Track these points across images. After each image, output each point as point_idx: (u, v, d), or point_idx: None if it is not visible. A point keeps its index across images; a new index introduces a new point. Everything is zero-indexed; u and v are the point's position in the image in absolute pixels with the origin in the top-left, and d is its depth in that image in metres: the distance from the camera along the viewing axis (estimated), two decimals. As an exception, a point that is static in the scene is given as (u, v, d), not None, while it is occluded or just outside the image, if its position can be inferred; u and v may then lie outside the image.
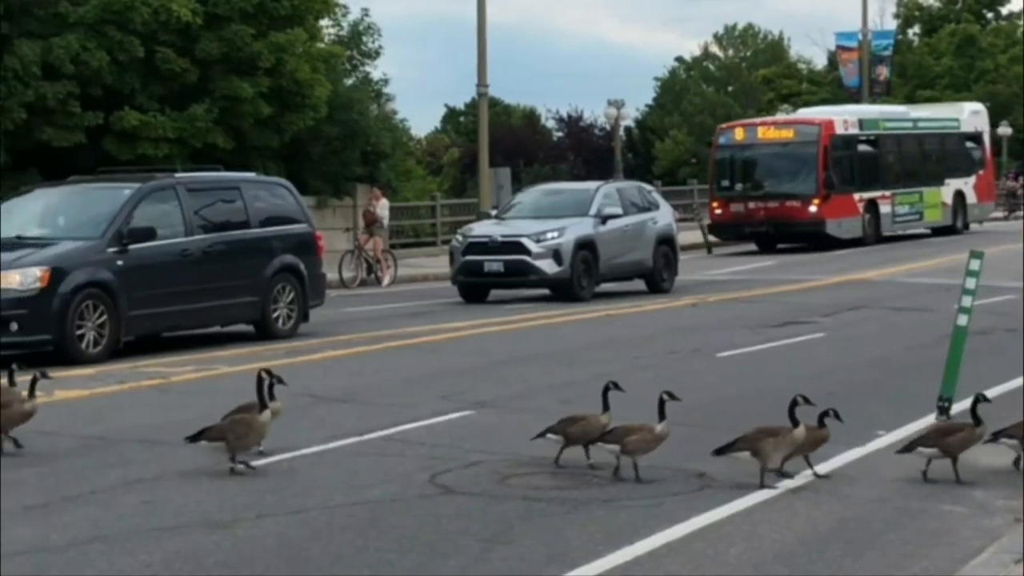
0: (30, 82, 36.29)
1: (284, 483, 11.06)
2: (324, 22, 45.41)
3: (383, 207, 38.34)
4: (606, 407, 11.57)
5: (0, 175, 37.10)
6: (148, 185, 21.37)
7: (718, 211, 45.88)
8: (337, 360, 18.73)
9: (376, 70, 49.55)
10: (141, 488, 10.90)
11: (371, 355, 19.48)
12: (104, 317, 19.59)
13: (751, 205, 44.78)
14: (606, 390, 11.68)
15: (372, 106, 47.48)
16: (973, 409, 11.14)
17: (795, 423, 10.84)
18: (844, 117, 46.97)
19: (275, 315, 22.25)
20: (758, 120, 51.21)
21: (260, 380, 11.56)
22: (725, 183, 46.13)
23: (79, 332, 19.30)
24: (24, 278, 19.15)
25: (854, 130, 46.49)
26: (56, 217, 21.44)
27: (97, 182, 22.62)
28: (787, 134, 45.57)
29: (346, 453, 12.27)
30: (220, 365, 18.36)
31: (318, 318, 23.51)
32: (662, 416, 11.07)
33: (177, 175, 22.59)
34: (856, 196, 45.34)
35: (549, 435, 11.65)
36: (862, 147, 46.62)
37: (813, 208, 43.89)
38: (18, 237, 20.58)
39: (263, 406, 11.46)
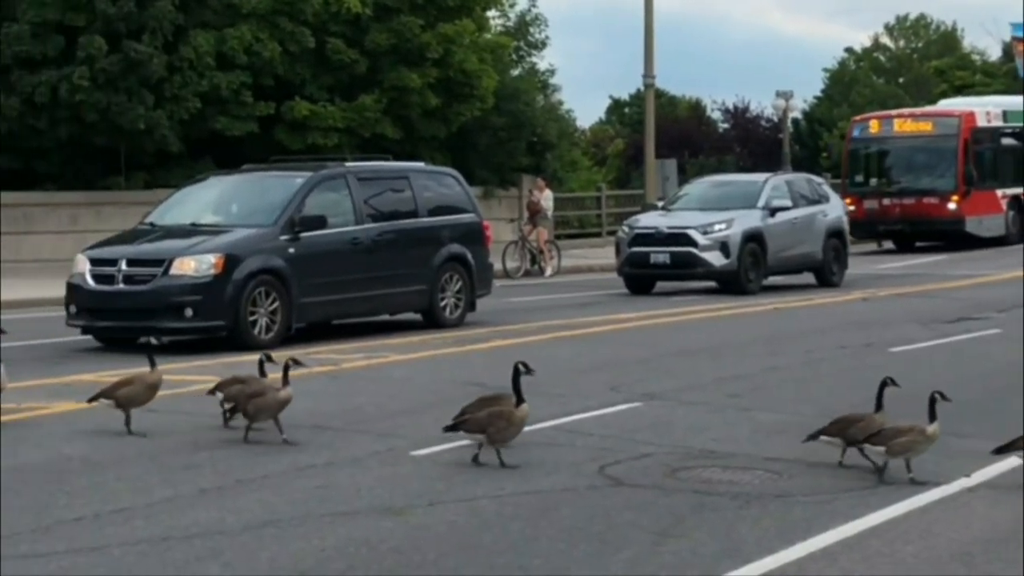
0: (204, 72, 36.94)
1: (454, 471, 11.08)
2: (491, 13, 45.58)
3: (547, 198, 38.35)
4: (879, 406, 11.12)
5: (175, 163, 37.87)
6: (319, 174, 21.59)
7: (851, 208, 43.86)
8: (505, 350, 18.76)
9: (543, 61, 49.82)
10: (313, 473, 11.00)
11: (539, 345, 19.47)
12: (276, 304, 19.84)
13: (886, 202, 43.13)
14: (882, 387, 11.15)
15: (538, 97, 47.56)
16: None
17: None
18: (987, 109, 45.01)
19: (443, 304, 22.35)
20: (894, 112, 49.32)
21: (516, 372, 11.30)
22: (859, 179, 44.53)
23: (252, 318, 19.56)
24: (199, 265, 19.46)
25: (997, 122, 44.69)
26: (230, 205, 21.75)
27: (270, 171, 22.90)
28: (925, 127, 43.86)
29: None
30: (389, 353, 18.50)
31: (484, 308, 23.58)
32: (933, 416, 10.65)
33: (347, 164, 22.80)
34: (999, 192, 43.54)
35: (823, 438, 11.16)
36: (1006, 140, 44.71)
37: (952, 205, 42.18)
38: (192, 224, 20.93)
39: (519, 399, 11.19)
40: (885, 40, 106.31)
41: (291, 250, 20.23)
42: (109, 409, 12.65)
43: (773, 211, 29.64)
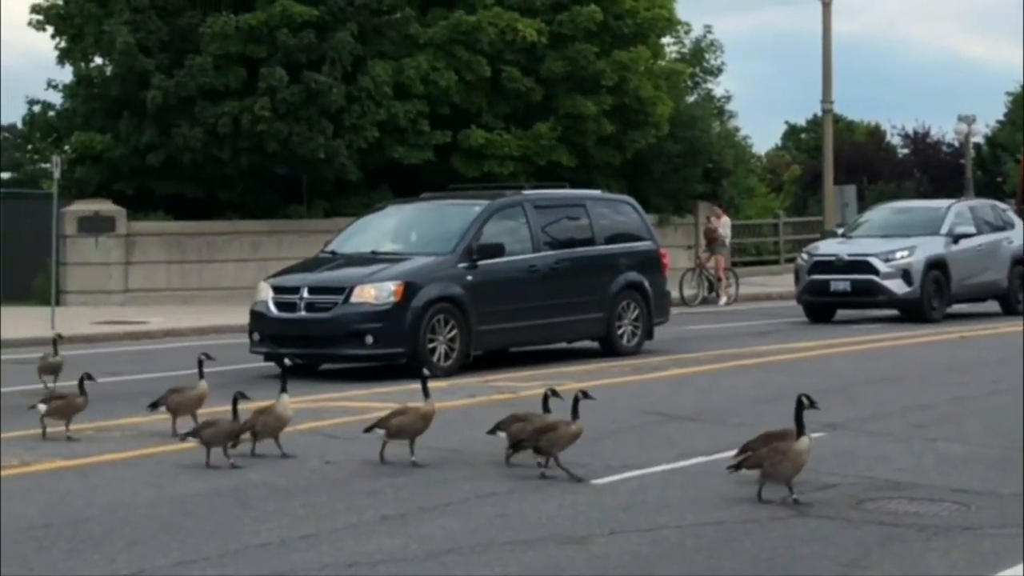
0: (382, 101, 37.39)
1: (635, 500, 11.01)
2: (667, 40, 45.51)
3: (724, 225, 38.12)
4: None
5: (354, 192, 38.37)
6: (497, 202, 21.70)
7: None
8: (684, 378, 18.64)
9: (718, 87, 49.48)
10: (494, 501, 11.00)
11: (718, 373, 19.32)
12: (455, 331, 19.96)
13: None
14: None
15: (714, 123, 47.33)
16: None
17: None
18: None
19: (620, 332, 22.31)
20: None
21: (800, 404, 10.92)
22: None
23: (431, 345, 19.71)
24: (379, 292, 19.66)
25: None
26: (409, 233, 21.96)
27: (447, 199, 23.07)
28: None
29: (696, 472, 12.16)
30: (567, 381, 18.46)
31: (661, 336, 23.48)
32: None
33: (524, 192, 22.87)
34: None
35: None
36: None
37: None
38: (372, 252, 21.17)
39: (799, 432, 10.85)
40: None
41: (469, 278, 20.34)
42: (382, 439, 12.58)
43: (956, 238, 29.13)
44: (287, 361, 17.03)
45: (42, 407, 14.13)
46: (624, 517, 10.42)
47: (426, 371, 13.18)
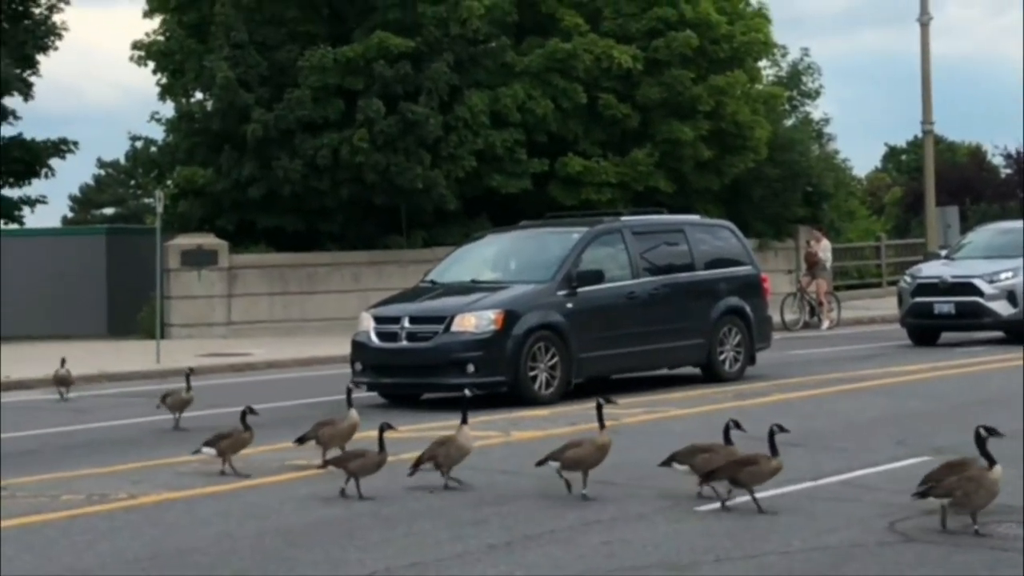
0: (479, 130, 37.55)
1: (741, 527, 10.94)
2: (763, 63, 45.30)
3: (825, 248, 37.83)
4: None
5: (452, 221, 38.52)
6: (596, 229, 21.70)
7: None
8: (787, 403, 18.50)
9: (816, 110, 49.16)
10: (599, 529, 10.97)
11: (822, 398, 19.15)
12: (555, 359, 19.95)
13: None
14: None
15: (813, 146, 47.04)
16: None
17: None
18: None
19: (722, 358, 22.19)
20: None
21: (979, 436, 10.68)
22: None
23: (532, 373, 19.71)
24: (479, 321, 19.70)
25: None
26: (508, 261, 22.00)
27: (546, 226, 23.07)
28: None
29: (802, 497, 12.06)
30: (669, 408, 18.42)
31: (764, 361, 23.34)
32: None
33: (623, 219, 22.85)
34: None
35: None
36: None
37: None
38: (472, 281, 21.23)
39: (991, 461, 10.58)
40: None
41: (569, 305, 20.34)
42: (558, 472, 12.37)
43: (1061, 258, 28.70)
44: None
45: (209, 451, 13.97)
46: (729, 544, 10.36)
47: (602, 400, 12.93)
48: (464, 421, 12.92)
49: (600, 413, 12.55)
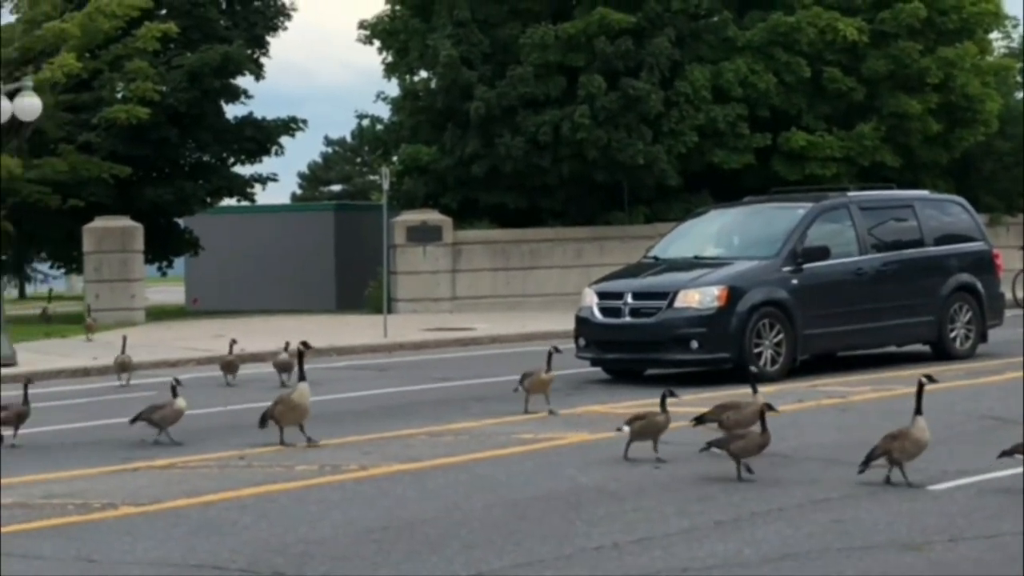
0: (701, 106, 37.36)
1: (975, 506, 10.71)
2: (994, 35, 44.21)
3: (1059, 223, 36.78)
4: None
5: (674, 197, 38.41)
6: (821, 204, 21.42)
7: None
8: (1019, 381, 18.02)
9: (1049, 81, 47.71)
10: (828, 507, 10.84)
11: (1057, 377, 18.66)
12: (780, 336, 19.76)
13: None
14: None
15: (1046, 119, 45.73)
16: None
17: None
18: None
19: (952, 335, 21.74)
20: None
21: None
22: None
23: (757, 350, 19.55)
24: (703, 297, 19.61)
25: None
26: (731, 237, 21.84)
27: (770, 202, 22.83)
28: None
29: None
30: (898, 386, 18.08)
31: (996, 338, 22.78)
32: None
33: (849, 194, 22.50)
34: None
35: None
36: None
37: None
38: (695, 257, 21.13)
39: None
40: None
41: (794, 281, 20.12)
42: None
43: None
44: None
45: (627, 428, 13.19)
46: (963, 523, 10.15)
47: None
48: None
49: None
